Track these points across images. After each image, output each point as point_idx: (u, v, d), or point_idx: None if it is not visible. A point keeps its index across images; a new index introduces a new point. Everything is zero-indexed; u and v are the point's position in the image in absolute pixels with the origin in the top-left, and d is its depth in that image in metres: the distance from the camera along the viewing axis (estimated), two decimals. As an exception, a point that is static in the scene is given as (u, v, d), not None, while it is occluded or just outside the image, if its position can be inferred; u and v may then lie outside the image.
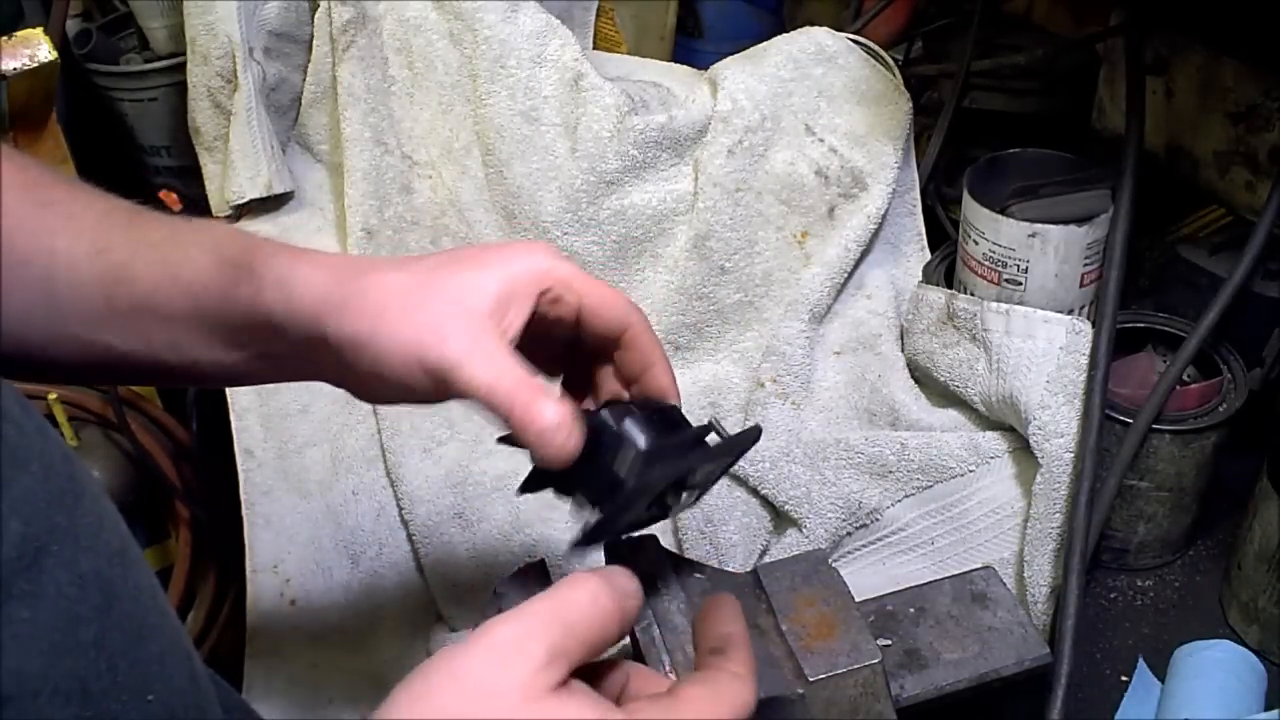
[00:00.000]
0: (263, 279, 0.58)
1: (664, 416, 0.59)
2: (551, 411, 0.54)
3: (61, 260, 0.58)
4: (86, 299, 0.59)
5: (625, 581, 0.51)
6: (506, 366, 0.55)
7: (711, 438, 0.61)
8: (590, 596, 0.48)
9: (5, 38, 1.03)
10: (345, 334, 0.57)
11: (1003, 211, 0.94)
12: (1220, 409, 0.90)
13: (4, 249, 0.57)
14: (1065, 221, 0.93)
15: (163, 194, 1.36)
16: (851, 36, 1.09)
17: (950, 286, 1.03)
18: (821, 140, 1.05)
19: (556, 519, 0.92)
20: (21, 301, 0.58)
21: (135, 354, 0.61)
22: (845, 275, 1.05)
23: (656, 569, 0.66)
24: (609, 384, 0.64)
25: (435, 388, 0.56)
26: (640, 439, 0.57)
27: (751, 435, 0.62)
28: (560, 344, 0.63)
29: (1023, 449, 0.92)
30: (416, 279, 0.58)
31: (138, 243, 0.60)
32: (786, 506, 0.91)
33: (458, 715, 0.44)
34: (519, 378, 0.55)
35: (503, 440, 0.59)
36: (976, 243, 0.96)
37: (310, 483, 0.97)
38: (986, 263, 0.96)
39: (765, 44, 1.08)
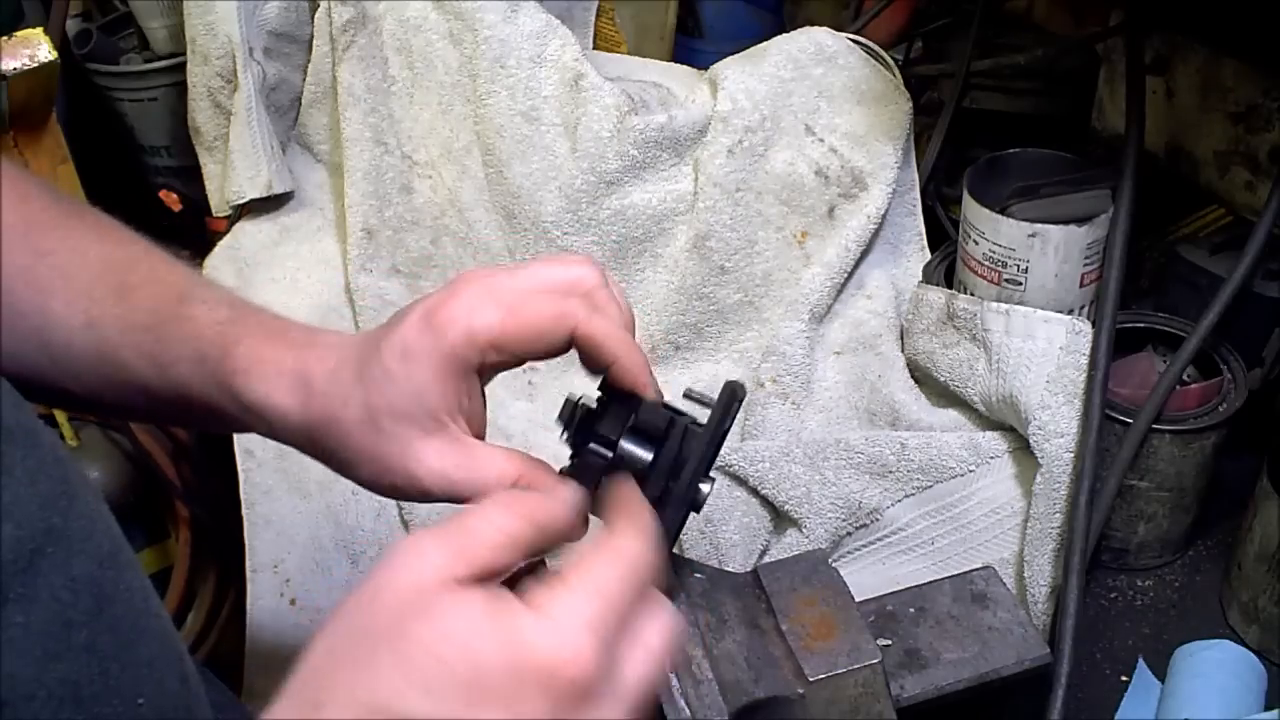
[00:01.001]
0: (249, 378, 0.58)
1: (646, 421, 0.57)
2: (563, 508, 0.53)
3: (55, 322, 0.59)
4: (78, 361, 0.60)
5: (541, 497, 0.51)
6: (473, 472, 0.56)
7: (689, 407, 0.60)
8: (501, 504, 0.48)
9: (5, 38, 1.03)
10: (332, 440, 0.57)
11: (1003, 211, 0.94)
12: (1220, 409, 0.90)
13: (5, 290, 0.58)
14: (1065, 221, 0.93)
15: (163, 194, 1.36)
16: (851, 36, 1.09)
17: (950, 286, 1.03)
18: (821, 140, 1.05)
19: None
20: (18, 346, 0.59)
21: (124, 407, 0.62)
22: (845, 275, 1.05)
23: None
24: None
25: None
26: (644, 455, 0.56)
27: (731, 394, 0.59)
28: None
29: (1023, 449, 0.92)
30: (365, 396, 0.56)
31: (126, 324, 0.60)
32: (786, 506, 0.91)
33: (358, 618, 0.45)
34: (485, 476, 0.55)
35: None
36: (976, 243, 0.96)
37: (310, 483, 0.97)
38: (986, 263, 0.96)
39: (765, 44, 1.08)
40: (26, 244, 0.60)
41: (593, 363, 0.57)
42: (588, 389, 0.59)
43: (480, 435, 0.59)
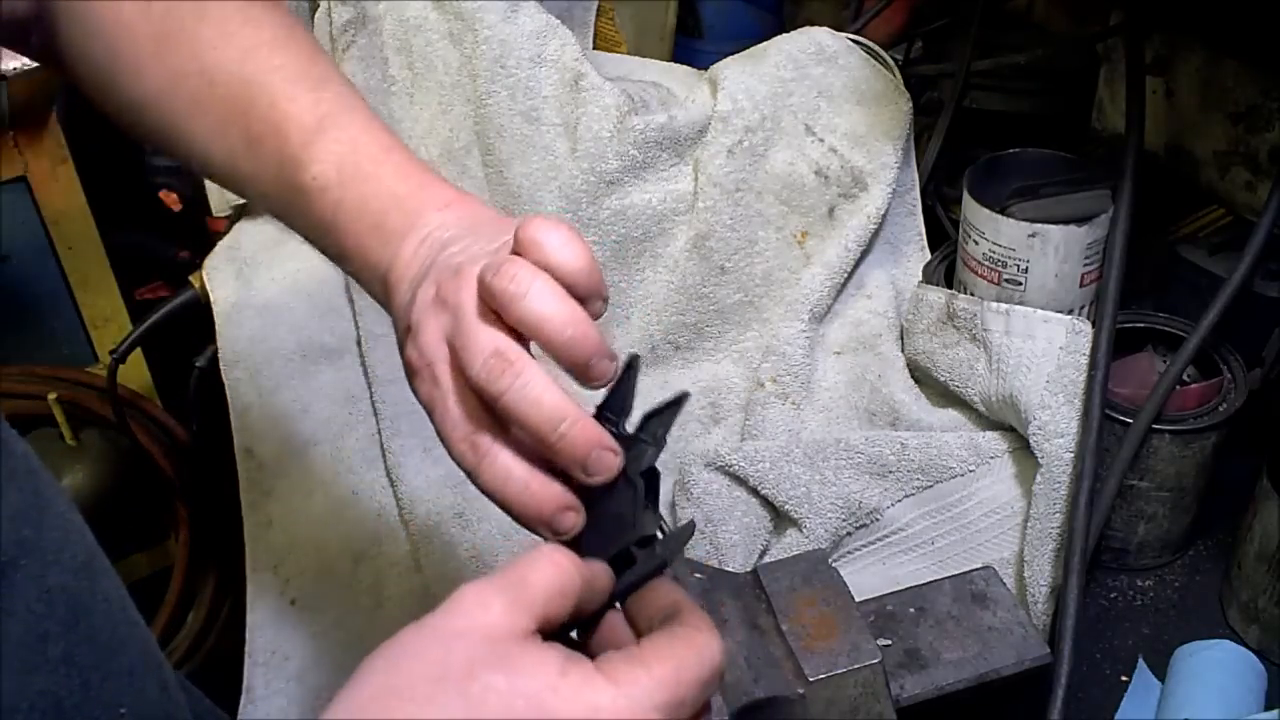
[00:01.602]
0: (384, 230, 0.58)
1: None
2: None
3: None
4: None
5: (591, 562, 0.51)
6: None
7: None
8: (548, 559, 0.48)
9: (5, 38, 1.03)
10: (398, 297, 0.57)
11: (1003, 211, 0.94)
12: (1220, 409, 0.90)
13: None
14: (1065, 221, 0.93)
15: (163, 194, 1.36)
16: (851, 36, 1.09)
17: (950, 286, 1.03)
18: (821, 140, 1.05)
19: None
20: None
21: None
22: (845, 275, 1.05)
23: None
24: None
25: None
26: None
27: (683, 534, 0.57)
28: None
29: (1023, 449, 0.92)
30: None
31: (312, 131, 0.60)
32: (786, 506, 0.91)
33: (424, 660, 0.44)
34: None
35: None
36: (976, 243, 0.96)
37: (310, 482, 0.97)
38: (986, 263, 0.96)
39: (765, 44, 1.08)
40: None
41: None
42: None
43: None
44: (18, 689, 0.43)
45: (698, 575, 0.67)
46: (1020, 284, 0.95)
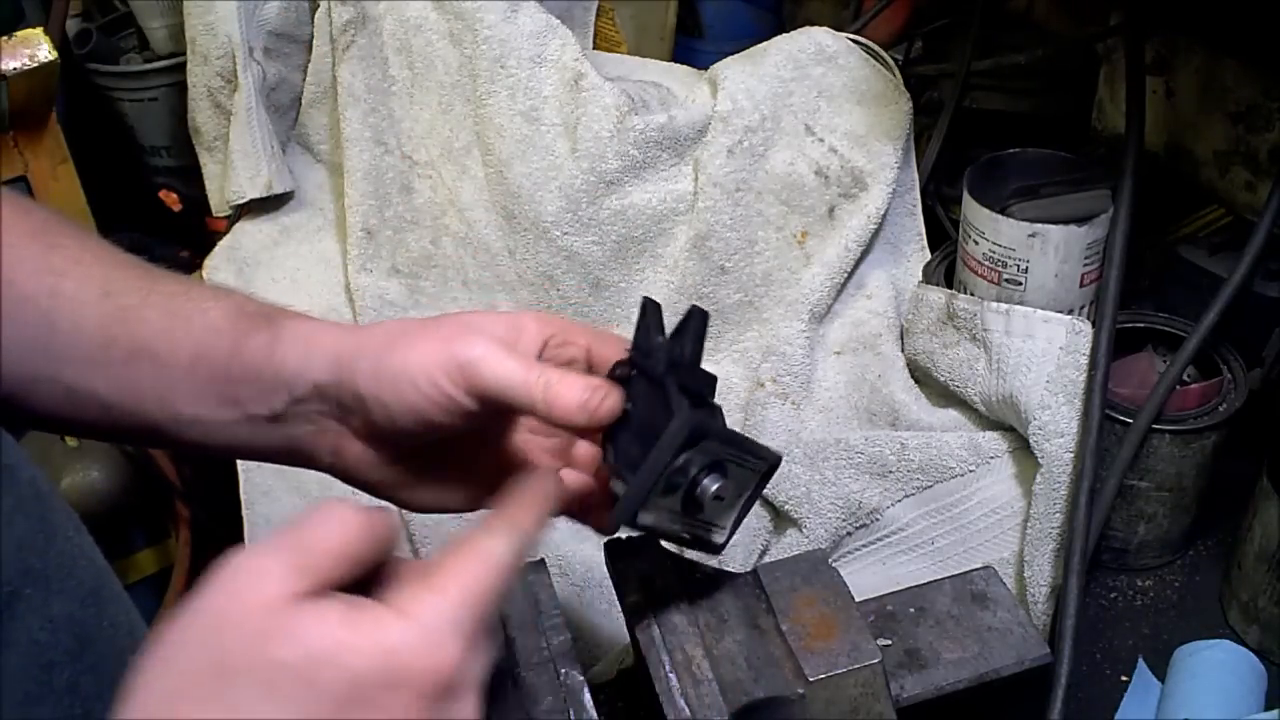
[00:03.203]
0: (281, 329, 0.58)
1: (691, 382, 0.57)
2: (577, 385, 0.54)
3: (65, 301, 0.57)
4: (84, 342, 0.58)
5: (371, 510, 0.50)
6: (526, 361, 0.55)
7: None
8: (328, 514, 0.46)
9: (5, 38, 1.03)
10: (365, 360, 0.56)
11: (1003, 211, 0.94)
12: (1220, 409, 0.90)
13: (4, 282, 0.56)
14: (1065, 221, 0.93)
15: (163, 194, 1.36)
16: (851, 36, 1.09)
17: (950, 286, 1.03)
18: (821, 140, 1.05)
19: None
20: (16, 337, 0.56)
21: (120, 406, 0.59)
22: (845, 275, 1.05)
23: (656, 569, 0.66)
24: None
25: (453, 397, 0.55)
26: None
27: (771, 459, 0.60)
28: None
29: (1023, 449, 0.92)
30: (425, 321, 0.59)
31: (150, 290, 0.59)
32: (786, 506, 0.91)
33: (201, 652, 0.42)
34: (539, 367, 0.55)
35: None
36: (976, 243, 0.96)
37: (310, 483, 0.97)
38: (986, 263, 0.96)
39: (765, 44, 1.08)
40: (36, 239, 0.58)
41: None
42: None
43: None
44: (21, 718, 0.42)
45: (698, 575, 0.67)
46: (1020, 284, 0.95)
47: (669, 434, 0.54)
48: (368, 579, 0.47)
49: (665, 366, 0.55)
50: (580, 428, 0.55)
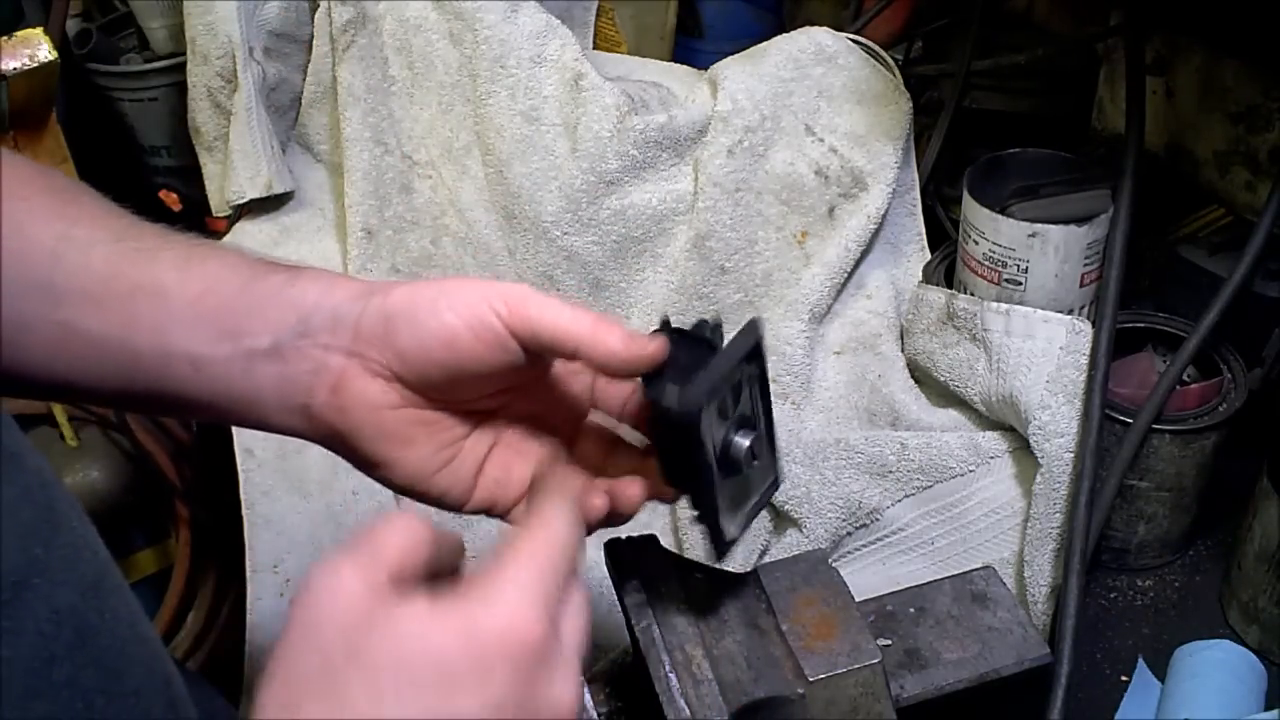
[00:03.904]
0: (303, 271, 0.58)
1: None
2: (619, 328, 0.55)
3: (75, 244, 0.56)
4: (88, 279, 0.56)
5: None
6: (569, 305, 0.56)
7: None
8: (393, 519, 0.49)
9: (5, 38, 1.03)
10: (400, 292, 0.56)
11: (1003, 211, 0.94)
12: (1220, 409, 0.90)
13: (15, 227, 0.55)
14: (1065, 221, 0.93)
15: (163, 194, 1.36)
16: (851, 36, 1.09)
17: (950, 286, 1.03)
18: (821, 140, 1.05)
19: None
20: (18, 279, 0.55)
21: (110, 341, 0.56)
22: (845, 275, 1.05)
23: (656, 569, 0.66)
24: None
25: (499, 334, 0.55)
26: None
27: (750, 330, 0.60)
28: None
29: (1023, 449, 0.92)
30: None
31: (169, 239, 0.59)
32: (786, 506, 0.91)
33: (306, 658, 0.45)
34: (585, 310, 0.56)
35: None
36: (976, 243, 0.96)
37: (310, 483, 0.97)
38: (986, 263, 0.96)
39: (765, 44, 1.08)
40: (54, 198, 0.57)
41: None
42: None
43: None
44: (19, 715, 0.42)
45: (698, 575, 0.67)
46: (1020, 284, 0.95)
47: (740, 335, 0.56)
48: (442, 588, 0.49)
49: (710, 331, 0.58)
50: (623, 370, 0.55)
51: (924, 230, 1.12)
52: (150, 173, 1.38)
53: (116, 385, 0.57)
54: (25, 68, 1.03)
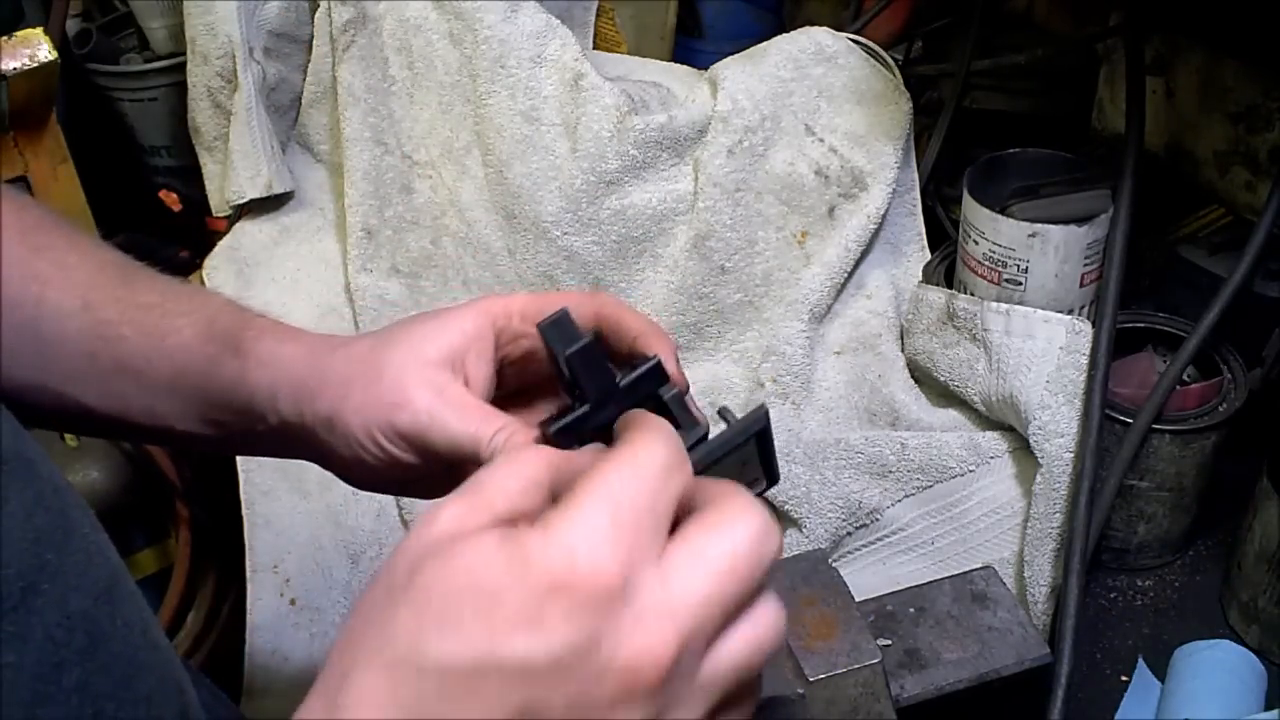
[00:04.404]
0: (248, 357, 0.59)
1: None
2: (528, 438, 0.53)
3: (49, 310, 0.59)
4: (70, 353, 0.59)
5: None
6: (471, 412, 0.55)
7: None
8: (507, 456, 0.46)
9: (5, 38, 1.03)
10: (320, 415, 0.58)
11: (1003, 211, 0.94)
12: (1220, 409, 0.90)
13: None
14: (1065, 221, 0.93)
15: (163, 194, 1.36)
16: (851, 36, 1.09)
17: (950, 286, 1.03)
18: (821, 140, 1.05)
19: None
20: (9, 342, 0.58)
21: (112, 414, 0.61)
22: (845, 275, 1.05)
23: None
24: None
25: (399, 458, 0.57)
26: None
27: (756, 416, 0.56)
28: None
29: (1023, 449, 0.92)
30: (375, 342, 0.59)
31: (127, 304, 0.60)
32: (786, 506, 0.91)
33: (377, 587, 0.42)
34: (485, 419, 0.54)
35: None
36: (976, 243, 0.96)
37: (310, 483, 0.97)
38: (986, 263, 0.96)
39: (765, 44, 1.08)
40: (24, 240, 0.59)
41: (619, 347, 0.57)
42: None
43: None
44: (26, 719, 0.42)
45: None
46: (1020, 284, 0.95)
47: (749, 417, 0.52)
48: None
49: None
50: None
51: (924, 230, 1.12)
52: (150, 173, 1.38)
53: (134, 439, 0.62)
54: (25, 68, 1.03)
